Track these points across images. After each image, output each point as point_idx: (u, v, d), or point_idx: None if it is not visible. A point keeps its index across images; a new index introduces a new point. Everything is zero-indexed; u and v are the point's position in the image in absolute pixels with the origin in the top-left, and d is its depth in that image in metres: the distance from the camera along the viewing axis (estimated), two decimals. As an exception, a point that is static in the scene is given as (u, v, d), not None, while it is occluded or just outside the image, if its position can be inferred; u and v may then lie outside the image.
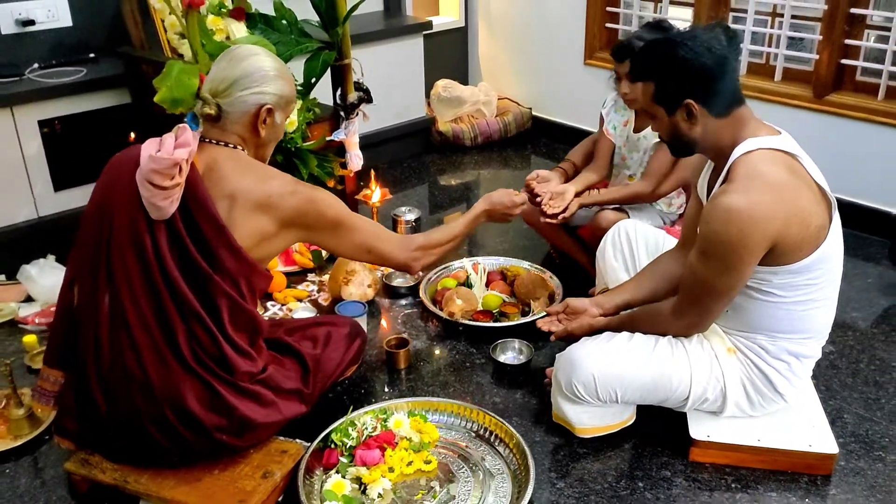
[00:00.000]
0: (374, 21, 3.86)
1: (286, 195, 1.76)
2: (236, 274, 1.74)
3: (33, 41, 2.97)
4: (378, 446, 1.88)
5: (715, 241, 1.66)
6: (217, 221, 1.70)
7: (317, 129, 2.75)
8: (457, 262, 2.81)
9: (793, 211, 1.64)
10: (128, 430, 1.74)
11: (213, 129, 1.79)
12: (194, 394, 1.72)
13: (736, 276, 1.70)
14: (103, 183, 1.76)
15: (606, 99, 2.72)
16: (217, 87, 1.75)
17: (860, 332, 2.48)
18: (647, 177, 2.55)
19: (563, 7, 3.92)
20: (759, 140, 1.69)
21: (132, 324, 1.69)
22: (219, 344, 1.74)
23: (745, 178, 1.65)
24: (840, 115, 3.04)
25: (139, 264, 1.69)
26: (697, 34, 1.69)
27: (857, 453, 1.96)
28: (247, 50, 1.81)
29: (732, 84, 1.71)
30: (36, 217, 2.87)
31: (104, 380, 1.72)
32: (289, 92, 1.83)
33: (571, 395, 1.92)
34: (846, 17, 2.97)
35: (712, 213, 1.66)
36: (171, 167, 1.62)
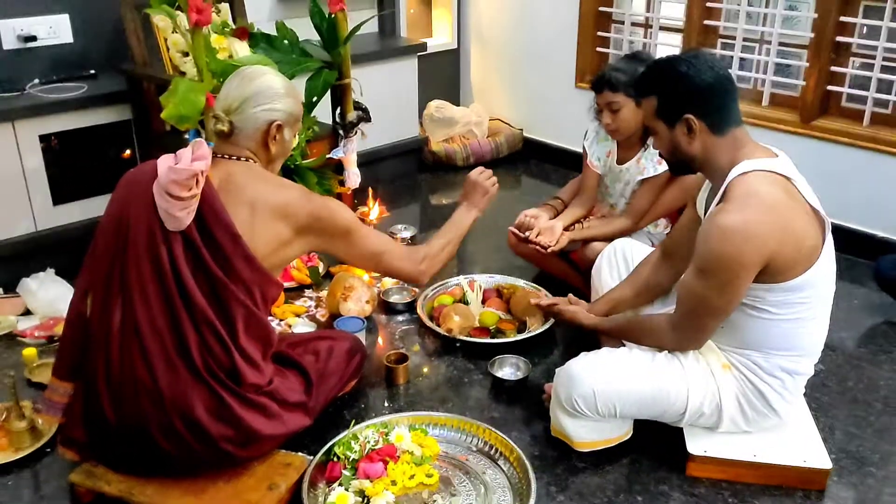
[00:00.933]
0: (370, 42, 3.92)
1: (302, 201, 1.84)
2: (250, 283, 1.79)
3: (34, 57, 2.99)
4: (381, 459, 1.90)
5: (711, 258, 1.72)
6: (232, 230, 1.75)
7: (316, 147, 2.79)
8: (453, 279, 2.85)
9: (787, 231, 1.70)
10: (134, 439, 1.75)
11: (226, 145, 1.87)
12: (203, 403, 1.74)
13: (732, 294, 1.75)
14: (120, 196, 1.81)
15: (588, 131, 2.78)
16: (230, 104, 1.83)
17: (848, 351, 2.54)
18: (630, 214, 2.62)
19: (554, 30, 4.00)
20: (755, 162, 1.75)
21: (144, 332, 1.72)
22: (230, 354, 1.77)
23: (741, 198, 1.70)
24: (826, 140, 3.12)
25: (154, 273, 1.73)
26: (700, 54, 1.77)
27: (848, 469, 2.01)
28: (257, 70, 1.90)
29: (731, 104, 1.77)
30: (34, 230, 2.87)
31: (113, 389, 1.74)
32: (297, 110, 1.91)
33: (571, 409, 1.95)
34: (832, 44, 3.06)
35: (709, 231, 1.72)
36: (189, 178, 1.68)
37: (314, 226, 1.86)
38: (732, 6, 3.37)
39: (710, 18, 3.43)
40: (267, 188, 1.82)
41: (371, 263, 2.05)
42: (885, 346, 2.57)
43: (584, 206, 2.78)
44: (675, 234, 2.13)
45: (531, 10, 4.08)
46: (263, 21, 3.49)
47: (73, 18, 3.04)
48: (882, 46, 2.96)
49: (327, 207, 1.88)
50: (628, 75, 2.41)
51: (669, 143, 1.85)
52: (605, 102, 2.48)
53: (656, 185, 2.57)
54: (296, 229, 1.83)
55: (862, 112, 3.09)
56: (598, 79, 2.48)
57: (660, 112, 1.83)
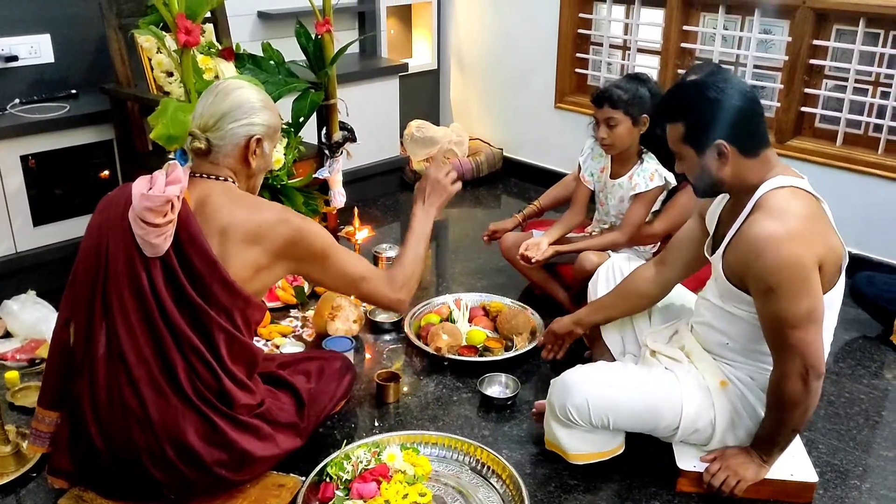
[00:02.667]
0: (351, 63, 3.94)
1: (276, 225, 1.78)
2: (231, 307, 1.76)
3: (15, 77, 2.97)
4: (374, 479, 1.90)
5: (773, 272, 1.66)
6: (209, 256, 1.72)
7: (302, 167, 2.80)
8: (439, 298, 2.86)
9: (826, 243, 1.71)
10: (124, 467, 1.73)
11: (204, 164, 1.81)
12: (194, 429, 1.72)
13: (812, 296, 1.68)
14: (97, 222, 1.77)
15: (584, 146, 2.83)
16: (206, 122, 1.78)
17: (827, 366, 2.56)
18: (623, 227, 2.65)
19: (533, 52, 4.05)
20: (787, 178, 1.76)
21: (130, 361, 1.69)
22: (218, 377, 1.75)
23: (777, 210, 1.70)
24: (800, 160, 3.19)
25: (136, 301, 1.70)
26: (728, 77, 1.76)
27: (833, 482, 2.04)
28: (232, 84, 1.84)
29: (761, 125, 1.78)
30: (14, 252, 2.84)
31: (101, 417, 1.71)
32: (275, 122, 1.87)
33: (565, 420, 1.96)
34: (805, 67, 3.14)
35: (757, 246, 1.68)
36: (163, 204, 1.65)
37: (289, 251, 1.80)
38: (708, 29, 3.45)
39: (686, 41, 3.51)
40: (241, 213, 1.76)
41: (349, 289, 1.99)
42: (863, 361, 2.63)
43: (573, 220, 2.82)
44: (673, 242, 2.13)
45: (511, 31, 4.13)
46: (246, 41, 3.50)
47: (55, 38, 3.03)
48: (854, 69, 3.04)
49: (303, 230, 1.82)
50: (629, 94, 2.47)
51: (698, 169, 1.81)
52: (604, 117, 2.53)
53: (648, 200, 2.62)
54: (272, 254, 1.79)
55: (835, 133, 3.17)
56: (600, 94, 2.53)
57: (688, 138, 1.78)
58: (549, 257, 2.70)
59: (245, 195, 1.83)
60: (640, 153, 2.63)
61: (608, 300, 2.23)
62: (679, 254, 2.09)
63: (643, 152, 2.63)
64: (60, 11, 3.01)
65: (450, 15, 4.38)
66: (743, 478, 1.88)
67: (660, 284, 2.13)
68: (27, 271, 2.83)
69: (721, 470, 1.89)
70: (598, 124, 2.58)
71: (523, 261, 2.72)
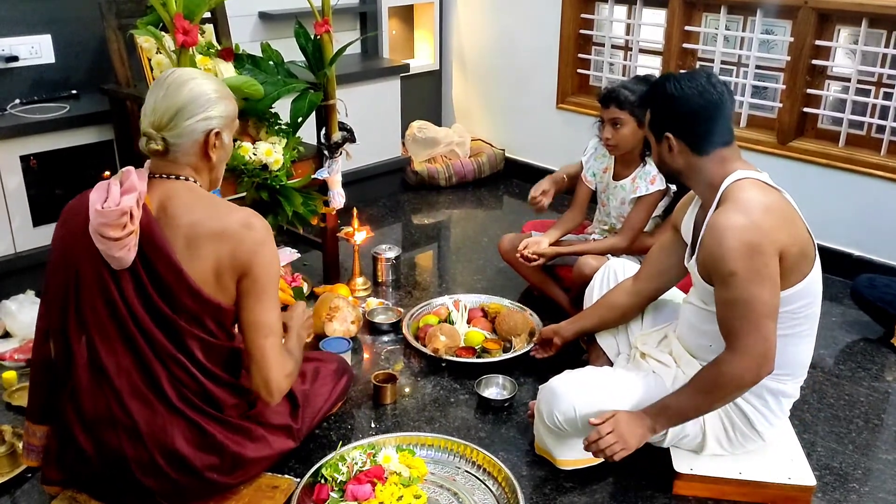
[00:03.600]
0: (353, 63, 3.94)
1: (241, 229, 1.69)
2: (201, 314, 1.70)
3: (16, 77, 2.97)
4: (368, 481, 1.89)
5: (735, 256, 1.68)
6: (175, 265, 1.65)
7: (301, 168, 2.79)
8: (438, 299, 2.85)
9: (790, 230, 1.73)
10: (116, 475, 1.71)
11: (163, 164, 1.72)
12: (182, 434, 1.70)
13: (770, 282, 1.70)
14: (62, 234, 1.72)
15: (588, 146, 2.82)
16: (160, 119, 1.66)
17: (827, 368, 2.58)
18: (624, 231, 2.65)
19: (535, 53, 4.04)
20: (747, 172, 1.79)
21: (111, 373, 1.66)
22: (201, 382, 1.73)
23: (741, 200, 1.73)
24: (803, 161, 3.18)
25: (109, 313, 1.66)
26: (697, 76, 1.80)
27: (832, 485, 2.03)
28: (183, 75, 1.71)
29: (718, 127, 1.80)
30: (14, 252, 2.84)
31: (89, 429, 1.69)
32: (233, 110, 1.77)
33: (553, 426, 1.96)
34: (808, 68, 3.12)
35: (720, 234, 1.71)
36: (119, 217, 1.58)
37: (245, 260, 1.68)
38: (710, 30, 3.43)
39: (688, 42, 3.50)
40: (204, 215, 1.68)
41: (256, 335, 1.73)
42: (863, 363, 2.61)
43: (573, 220, 2.82)
44: (649, 255, 2.16)
45: (513, 32, 4.12)
46: (247, 42, 3.50)
47: (56, 39, 3.03)
48: (856, 70, 3.03)
49: (264, 248, 1.70)
50: (636, 96, 2.48)
51: (656, 155, 1.91)
52: (610, 118, 2.53)
53: (649, 204, 2.61)
54: (230, 258, 1.68)
55: (838, 133, 3.15)
56: (607, 94, 2.53)
57: (649, 125, 1.89)
58: (549, 257, 2.70)
59: (209, 197, 1.75)
60: (644, 156, 2.62)
61: (586, 311, 2.29)
62: (654, 266, 2.12)
63: (646, 155, 2.62)
64: (61, 12, 3.02)
65: (452, 15, 4.37)
66: (627, 446, 1.82)
67: (635, 295, 2.16)
68: (26, 271, 2.83)
69: (611, 435, 1.82)
70: (604, 124, 2.57)
71: (523, 260, 2.71)
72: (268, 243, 1.72)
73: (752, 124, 3.41)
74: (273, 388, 1.76)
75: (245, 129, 2.68)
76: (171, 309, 1.68)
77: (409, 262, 3.33)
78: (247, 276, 1.71)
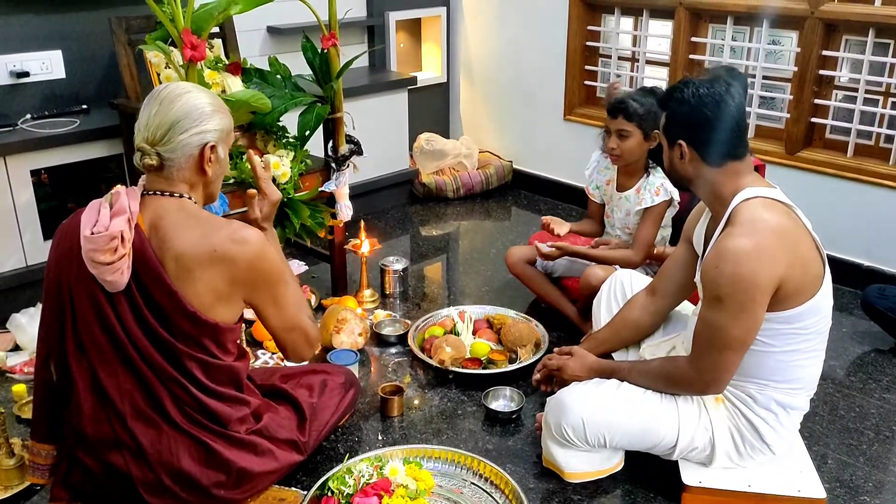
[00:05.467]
0: (360, 76, 3.96)
1: (233, 246, 1.66)
2: (198, 336, 1.68)
3: (27, 92, 3.01)
4: (375, 494, 1.89)
5: (725, 283, 1.70)
6: (168, 287, 1.63)
7: (308, 180, 2.80)
8: (443, 310, 2.85)
9: (795, 254, 1.71)
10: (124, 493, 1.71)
11: (157, 180, 1.68)
12: (188, 453, 1.70)
13: (750, 320, 1.72)
14: (55, 256, 1.69)
15: (591, 159, 2.82)
16: (154, 134, 1.63)
17: (838, 380, 2.56)
18: (635, 246, 2.64)
19: (542, 65, 4.06)
20: (757, 189, 1.77)
21: (113, 396, 1.65)
22: (203, 403, 1.71)
23: (748, 223, 1.71)
24: (811, 171, 3.17)
25: (107, 338, 1.64)
26: (717, 84, 1.76)
27: (842, 498, 2.01)
28: (176, 88, 1.68)
29: (732, 139, 1.77)
30: (24, 266, 2.86)
31: (92, 450, 1.69)
32: (228, 123, 1.74)
33: (561, 439, 1.95)
34: (815, 77, 3.12)
35: (720, 257, 1.71)
36: (108, 242, 1.56)
37: (245, 275, 1.68)
38: (717, 41, 3.43)
39: (695, 53, 3.50)
40: (193, 236, 1.64)
41: (283, 332, 1.80)
42: (874, 375, 2.59)
43: (590, 227, 2.88)
44: (663, 271, 2.14)
45: (519, 44, 4.14)
46: (255, 56, 3.53)
47: (66, 54, 3.06)
48: (864, 79, 3.02)
49: (263, 255, 1.70)
50: (644, 108, 2.49)
51: (668, 160, 1.89)
52: (617, 128, 2.54)
53: (656, 215, 2.61)
54: (228, 278, 1.66)
55: (846, 143, 3.14)
56: (616, 104, 2.54)
57: (663, 129, 1.87)
58: (565, 252, 2.67)
59: (200, 214, 1.70)
60: (647, 167, 2.63)
61: (604, 334, 2.21)
62: (669, 282, 2.10)
63: (650, 166, 2.62)
64: (71, 28, 3.05)
65: (459, 28, 4.40)
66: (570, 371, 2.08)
67: (653, 314, 2.13)
68: (36, 284, 2.85)
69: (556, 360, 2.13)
70: (610, 134, 2.58)
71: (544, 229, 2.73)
72: (263, 251, 1.70)
73: (760, 135, 3.40)
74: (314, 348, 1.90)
75: (253, 142, 2.69)
76: (167, 331, 1.65)
77: (417, 274, 3.34)
78: (255, 290, 1.72)
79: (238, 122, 2.57)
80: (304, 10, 2.68)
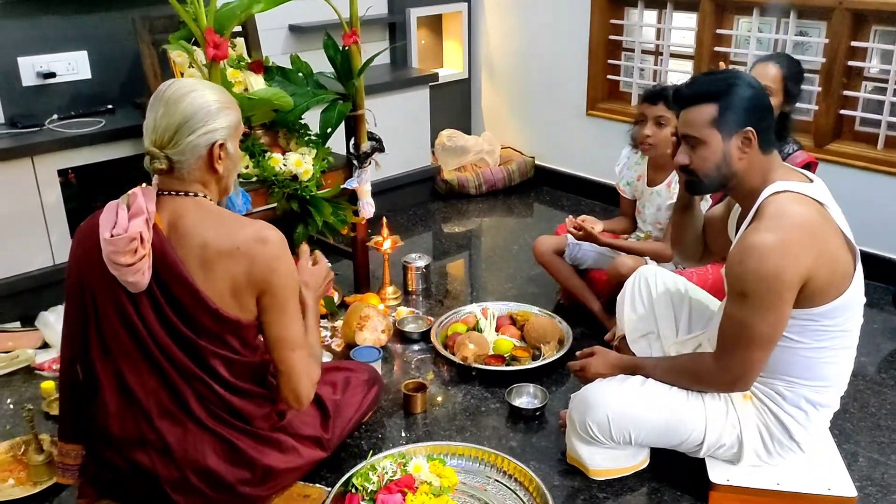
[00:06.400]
0: (382, 73, 3.96)
1: (255, 244, 1.66)
2: (221, 333, 1.69)
3: (53, 93, 3.04)
4: (399, 490, 1.88)
5: (751, 279, 1.67)
6: (191, 286, 1.63)
7: (330, 178, 2.81)
8: (466, 307, 2.84)
9: (822, 251, 1.67)
10: (150, 491, 1.72)
11: (170, 181, 1.68)
12: (213, 451, 1.71)
13: (776, 316, 1.69)
14: (76, 257, 1.71)
15: (620, 155, 2.80)
16: (161, 137, 1.62)
17: (868, 376, 2.51)
18: (668, 238, 2.60)
19: (564, 59, 4.03)
20: (787, 184, 1.73)
21: (139, 394, 1.67)
22: (227, 400, 1.72)
23: (775, 217, 1.68)
24: (841, 164, 3.12)
25: (131, 338, 1.65)
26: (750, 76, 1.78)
27: (874, 496, 1.98)
28: (180, 89, 1.65)
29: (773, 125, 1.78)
30: (52, 264, 2.90)
31: (118, 449, 1.70)
32: (236, 118, 1.71)
33: (585, 435, 1.94)
34: (844, 69, 3.06)
35: (744, 252, 1.68)
36: (128, 244, 1.57)
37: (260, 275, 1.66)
38: (743, 32, 3.38)
39: (720, 45, 3.45)
40: (217, 232, 1.65)
41: (283, 349, 1.73)
42: (906, 371, 2.54)
43: (623, 224, 2.87)
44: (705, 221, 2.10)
45: (541, 39, 4.11)
46: (278, 54, 3.54)
47: (91, 55, 3.09)
48: (894, 70, 2.96)
49: (280, 261, 1.68)
50: None
51: (719, 156, 1.75)
52: (655, 115, 2.51)
53: None
54: (247, 274, 1.66)
55: (876, 136, 3.08)
56: (657, 91, 2.51)
57: (718, 121, 1.73)
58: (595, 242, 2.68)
59: (221, 212, 1.71)
60: None
61: None
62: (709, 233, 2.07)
63: None
64: (96, 29, 3.08)
65: (480, 24, 4.38)
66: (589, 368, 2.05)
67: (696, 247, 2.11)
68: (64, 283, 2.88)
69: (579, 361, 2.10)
70: (646, 122, 2.54)
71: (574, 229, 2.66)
72: (283, 257, 1.69)
73: (787, 128, 3.35)
74: (303, 398, 1.77)
75: (275, 140, 2.71)
76: (190, 329, 1.66)
77: (440, 271, 3.33)
78: (266, 293, 1.69)
79: (260, 120, 2.60)
80: (326, 8, 2.69)
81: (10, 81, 2.95)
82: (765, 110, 1.75)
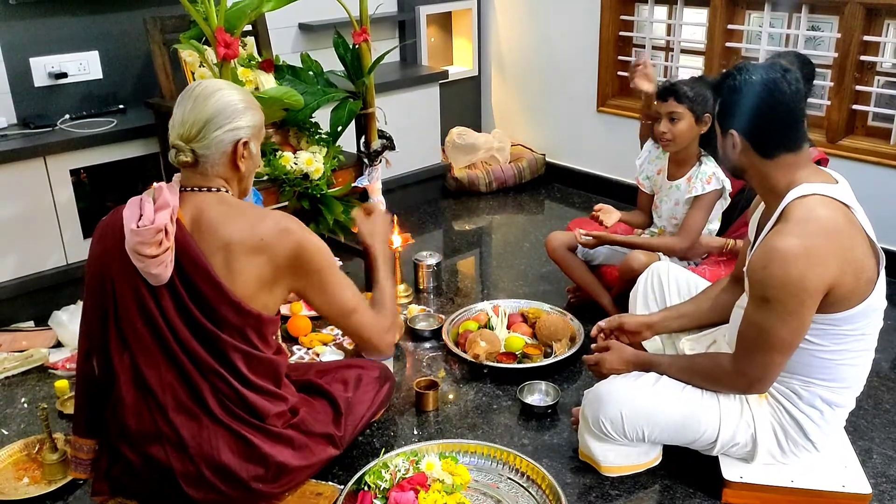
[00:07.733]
0: (392, 71, 3.96)
1: (279, 235, 1.70)
2: (243, 327, 1.71)
3: (65, 93, 3.06)
4: (411, 488, 1.89)
5: (774, 285, 1.63)
6: (213, 279, 1.66)
7: (341, 176, 2.81)
8: (478, 304, 2.84)
9: (848, 258, 1.63)
10: (164, 486, 1.73)
11: (193, 176, 1.73)
12: (228, 446, 1.72)
13: (798, 322, 1.67)
14: (97, 252, 1.73)
15: (642, 150, 2.80)
16: (189, 131, 1.68)
17: (883, 373, 2.50)
18: (683, 233, 2.60)
19: (574, 56, 4.02)
20: (814, 186, 1.68)
21: (155, 389, 1.68)
22: (243, 396, 1.74)
23: (801, 222, 1.63)
24: (853, 159, 3.10)
25: (150, 331, 1.68)
26: (774, 68, 1.67)
27: (889, 493, 1.96)
28: (209, 86, 1.72)
29: (786, 130, 1.69)
30: (65, 264, 2.91)
31: (133, 443, 1.71)
32: (260, 120, 1.77)
33: (598, 432, 1.93)
34: (856, 64, 3.04)
35: (768, 256, 1.64)
36: (155, 235, 1.60)
37: (291, 263, 1.72)
38: (754, 28, 3.37)
39: (731, 40, 3.43)
40: (241, 225, 1.69)
41: (340, 317, 1.84)
42: (921, 368, 2.52)
43: (639, 218, 2.85)
44: (740, 261, 2.05)
45: (551, 35, 4.10)
46: (288, 53, 3.55)
47: (103, 55, 3.11)
48: (907, 64, 2.94)
49: (305, 242, 1.73)
50: (694, 91, 2.47)
51: (721, 147, 1.80)
52: (668, 111, 2.50)
53: (706, 204, 2.58)
54: (274, 266, 1.71)
55: (889, 131, 3.06)
56: (666, 88, 2.51)
57: (717, 117, 1.78)
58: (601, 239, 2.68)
59: (242, 205, 1.76)
60: (700, 155, 2.59)
61: (688, 308, 2.10)
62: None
63: (702, 154, 2.59)
64: (107, 29, 3.10)
65: (490, 21, 4.37)
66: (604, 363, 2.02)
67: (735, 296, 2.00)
68: (77, 282, 2.90)
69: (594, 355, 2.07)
70: (660, 119, 2.54)
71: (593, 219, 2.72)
72: (307, 237, 1.74)
73: (799, 123, 3.33)
74: (383, 349, 1.90)
75: (286, 138, 2.71)
76: (212, 323, 1.68)
77: (451, 269, 3.33)
78: (301, 277, 1.74)
79: (271, 118, 2.60)
80: (336, 7, 2.69)
81: (23, 82, 2.97)
82: (748, 114, 1.68)
